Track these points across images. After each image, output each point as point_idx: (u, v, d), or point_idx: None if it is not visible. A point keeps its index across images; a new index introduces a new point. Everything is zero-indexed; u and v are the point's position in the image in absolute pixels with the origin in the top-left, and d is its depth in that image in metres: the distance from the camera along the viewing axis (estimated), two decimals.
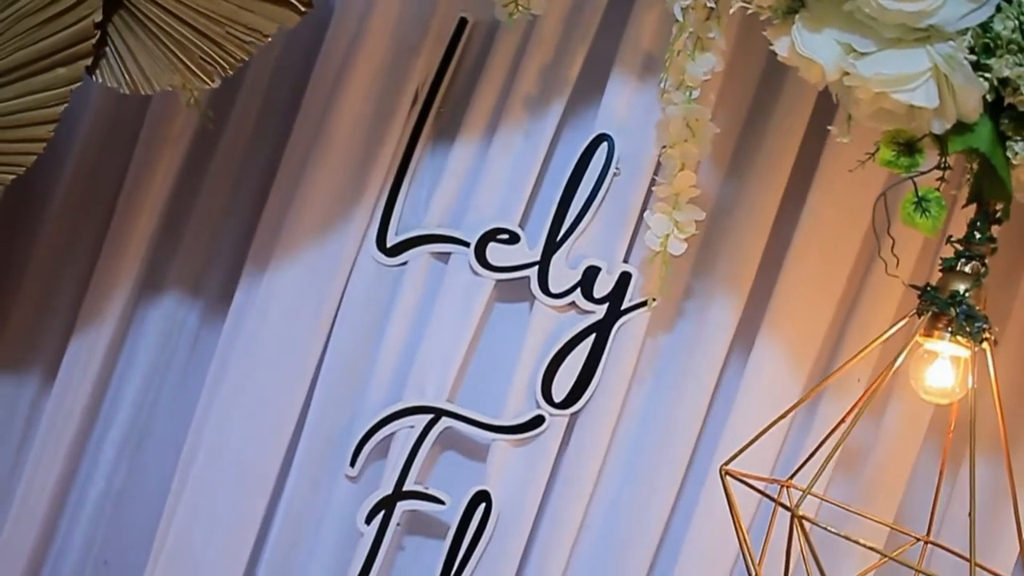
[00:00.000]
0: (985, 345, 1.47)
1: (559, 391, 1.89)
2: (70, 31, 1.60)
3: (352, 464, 1.94)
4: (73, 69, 1.62)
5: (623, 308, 1.88)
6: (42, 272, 2.11)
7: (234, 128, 2.07)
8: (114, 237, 2.04)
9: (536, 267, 1.90)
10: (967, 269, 1.48)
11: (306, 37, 2.00)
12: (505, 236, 1.91)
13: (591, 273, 1.89)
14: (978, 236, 1.48)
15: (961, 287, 1.47)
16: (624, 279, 1.88)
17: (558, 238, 1.90)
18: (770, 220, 1.89)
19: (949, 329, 1.47)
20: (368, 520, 1.92)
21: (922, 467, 1.89)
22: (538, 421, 1.90)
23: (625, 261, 1.89)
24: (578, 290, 1.89)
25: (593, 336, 1.89)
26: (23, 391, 2.13)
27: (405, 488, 1.92)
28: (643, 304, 1.87)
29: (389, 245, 1.96)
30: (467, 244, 1.92)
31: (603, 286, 1.89)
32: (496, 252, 1.91)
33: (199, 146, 2.06)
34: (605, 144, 1.89)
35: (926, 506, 1.72)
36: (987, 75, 1.35)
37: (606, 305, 1.89)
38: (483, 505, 1.90)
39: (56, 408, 2.06)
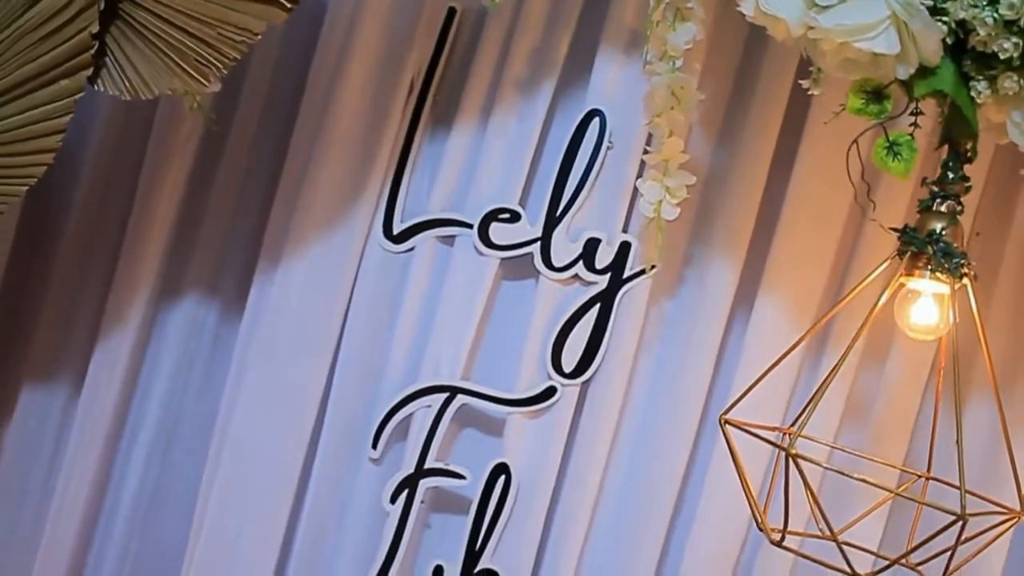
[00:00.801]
0: (965, 281, 1.51)
1: (569, 361, 1.92)
2: (69, 44, 1.64)
3: (374, 447, 1.98)
4: (75, 80, 1.66)
5: (625, 277, 1.91)
6: (63, 283, 2.15)
7: (239, 131, 2.10)
8: (131, 244, 2.08)
9: (538, 243, 1.93)
10: (943, 208, 1.52)
11: (302, 36, 2.04)
12: (507, 215, 1.94)
13: (592, 245, 1.92)
14: (951, 176, 1.52)
15: (938, 226, 1.51)
16: (624, 249, 1.91)
17: (558, 213, 1.93)
18: (762, 183, 1.91)
19: (929, 267, 1.51)
20: (393, 500, 1.95)
21: (928, 411, 1.91)
22: (550, 392, 1.93)
23: (624, 231, 1.92)
24: (580, 262, 1.92)
25: (598, 306, 1.92)
26: (53, 400, 2.16)
27: (427, 466, 1.95)
28: (644, 272, 1.90)
29: (395, 232, 2.00)
30: (471, 226, 1.95)
31: (604, 257, 1.92)
32: (499, 231, 1.95)
33: (206, 151, 2.10)
34: (597, 119, 1.92)
35: (935, 449, 1.75)
36: (944, 19, 1.39)
37: (608, 275, 1.92)
38: (503, 478, 1.93)
39: (86, 415, 2.10)
